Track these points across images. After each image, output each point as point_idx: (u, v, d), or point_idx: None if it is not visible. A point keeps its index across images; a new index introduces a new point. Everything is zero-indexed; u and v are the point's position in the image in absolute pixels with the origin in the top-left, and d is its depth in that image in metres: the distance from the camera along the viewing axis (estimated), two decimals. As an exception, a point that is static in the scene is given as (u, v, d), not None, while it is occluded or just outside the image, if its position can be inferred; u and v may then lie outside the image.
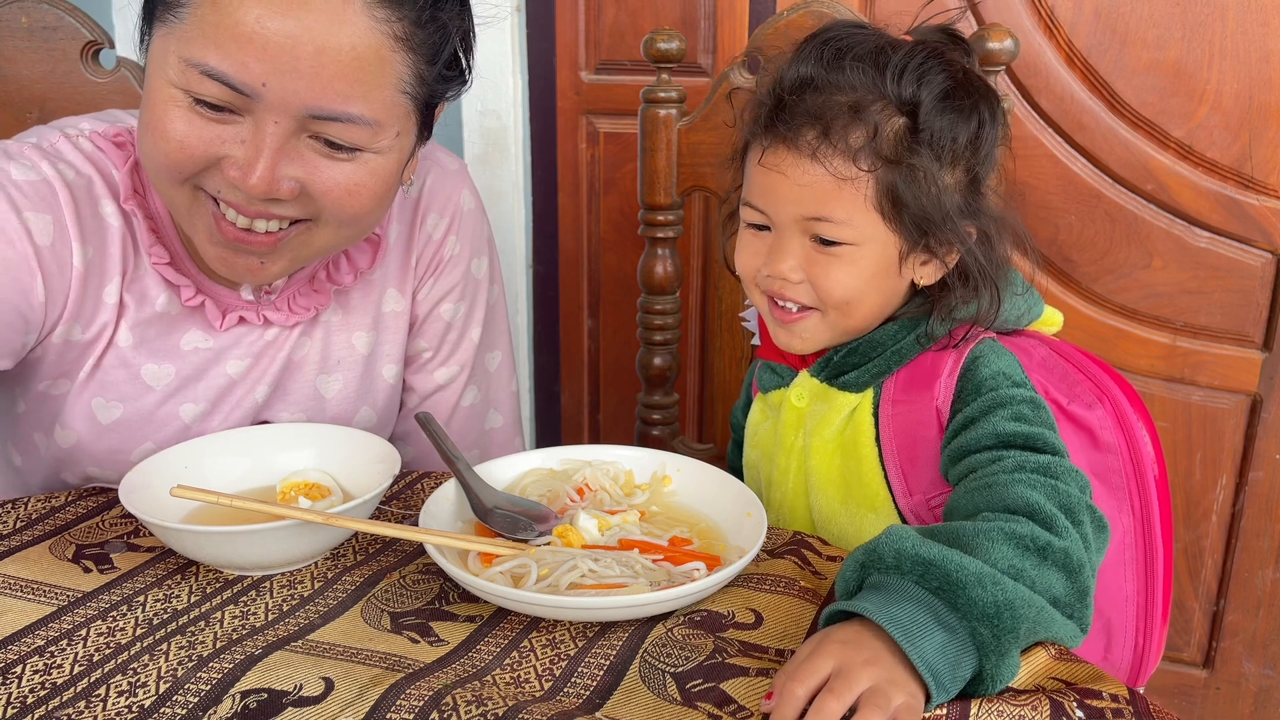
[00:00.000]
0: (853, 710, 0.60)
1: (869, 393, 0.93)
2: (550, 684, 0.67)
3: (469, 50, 0.89)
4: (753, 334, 1.11)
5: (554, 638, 0.72)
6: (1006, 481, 0.76)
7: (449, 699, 0.63)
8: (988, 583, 0.64)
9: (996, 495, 0.75)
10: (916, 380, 0.91)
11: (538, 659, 0.70)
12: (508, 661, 0.70)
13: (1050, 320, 1.01)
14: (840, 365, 0.94)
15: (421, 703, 0.63)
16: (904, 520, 0.92)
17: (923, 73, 0.86)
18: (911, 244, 0.89)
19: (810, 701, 0.60)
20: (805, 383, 0.97)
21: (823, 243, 0.88)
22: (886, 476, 0.92)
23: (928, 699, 0.62)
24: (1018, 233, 0.92)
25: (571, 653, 0.71)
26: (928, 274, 0.92)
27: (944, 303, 0.91)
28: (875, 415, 0.93)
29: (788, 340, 0.94)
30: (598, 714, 0.64)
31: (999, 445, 0.82)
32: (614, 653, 0.70)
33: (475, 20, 0.90)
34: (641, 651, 0.70)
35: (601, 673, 0.68)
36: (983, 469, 0.80)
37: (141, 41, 0.84)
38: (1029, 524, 0.71)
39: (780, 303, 0.92)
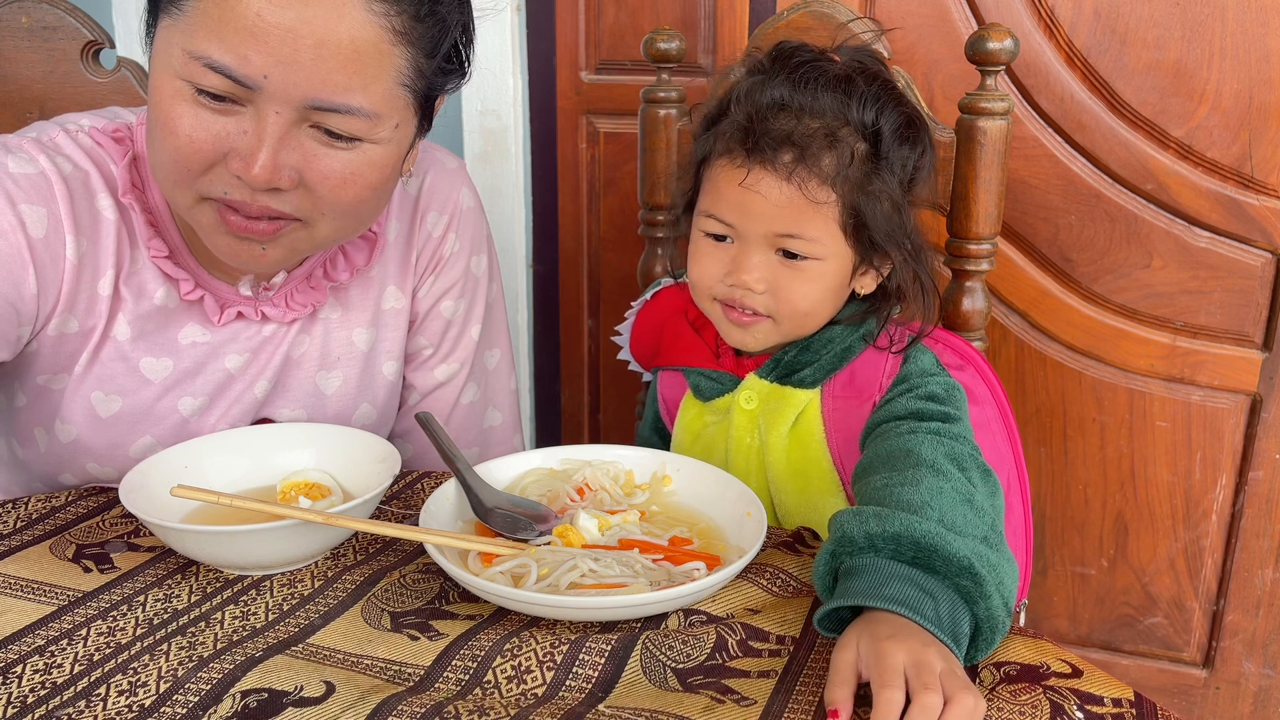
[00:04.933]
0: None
1: (818, 389, 1.00)
2: (552, 674, 0.67)
3: (468, 43, 0.90)
4: (620, 349, 1.16)
5: (554, 636, 0.72)
6: (900, 439, 0.84)
7: (451, 708, 0.63)
8: (949, 537, 0.69)
9: (886, 447, 0.83)
10: (856, 379, 0.99)
11: (538, 643, 0.70)
12: (508, 647, 0.70)
13: None
14: (791, 364, 1.00)
15: (424, 709, 0.63)
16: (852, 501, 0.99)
17: (882, 104, 0.94)
18: (864, 259, 0.97)
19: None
20: (754, 385, 1.03)
21: (787, 255, 0.94)
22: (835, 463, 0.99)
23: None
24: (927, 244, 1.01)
25: (572, 637, 0.71)
26: (866, 284, 1.00)
27: (884, 310, 1.00)
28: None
29: (741, 338, 1.01)
30: (600, 706, 0.64)
31: (907, 417, 0.90)
32: (614, 645, 0.70)
33: (474, 14, 0.90)
34: (642, 639, 0.71)
35: (604, 660, 0.68)
36: (886, 433, 0.87)
37: (147, 34, 0.84)
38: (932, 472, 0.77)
39: (735, 308, 0.97)
